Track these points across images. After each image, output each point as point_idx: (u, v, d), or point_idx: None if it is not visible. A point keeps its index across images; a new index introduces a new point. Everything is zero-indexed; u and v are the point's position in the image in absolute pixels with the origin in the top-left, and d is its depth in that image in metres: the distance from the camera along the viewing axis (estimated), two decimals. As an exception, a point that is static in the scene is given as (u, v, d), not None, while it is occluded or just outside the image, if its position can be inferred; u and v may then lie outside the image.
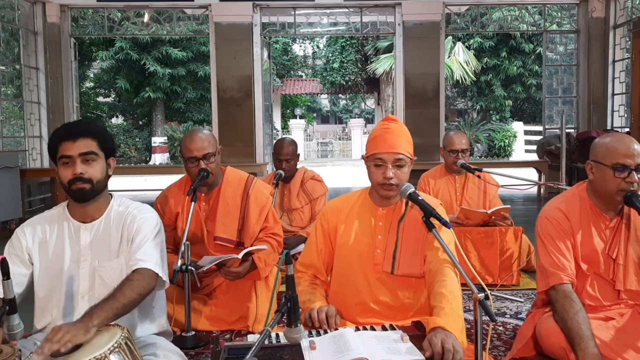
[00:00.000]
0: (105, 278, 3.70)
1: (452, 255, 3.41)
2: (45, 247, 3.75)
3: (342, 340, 3.05)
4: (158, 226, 3.89)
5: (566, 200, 4.29)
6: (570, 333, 3.86)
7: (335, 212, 4.17)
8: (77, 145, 3.59)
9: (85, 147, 3.61)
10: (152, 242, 3.77)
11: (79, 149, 3.59)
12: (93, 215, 3.79)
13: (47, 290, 3.72)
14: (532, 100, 38.24)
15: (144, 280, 3.54)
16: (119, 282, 3.54)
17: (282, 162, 7.64)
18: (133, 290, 3.41)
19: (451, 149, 7.07)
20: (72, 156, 3.58)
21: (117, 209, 3.85)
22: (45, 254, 3.74)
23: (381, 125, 3.98)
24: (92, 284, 3.72)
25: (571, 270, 4.11)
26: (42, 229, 3.79)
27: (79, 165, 3.58)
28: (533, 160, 17.94)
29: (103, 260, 3.74)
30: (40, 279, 3.73)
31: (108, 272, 3.72)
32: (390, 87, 33.54)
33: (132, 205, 3.90)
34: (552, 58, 17.39)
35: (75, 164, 3.58)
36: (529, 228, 5.90)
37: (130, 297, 3.36)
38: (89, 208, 3.75)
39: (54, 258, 3.73)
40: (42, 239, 3.77)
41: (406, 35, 15.60)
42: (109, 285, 3.60)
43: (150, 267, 3.63)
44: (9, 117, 14.77)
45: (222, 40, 15.50)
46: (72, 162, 3.59)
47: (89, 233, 3.76)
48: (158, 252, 3.78)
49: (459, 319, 3.39)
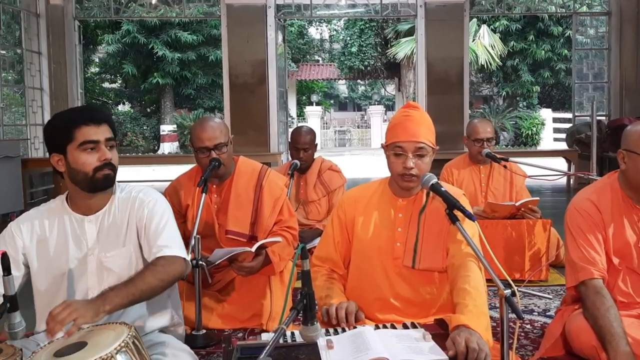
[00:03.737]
0: (113, 268, 3.66)
1: (476, 248, 3.40)
2: (45, 245, 3.69)
3: (361, 339, 3.05)
4: (168, 207, 3.86)
5: (597, 191, 4.27)
6: (601, 331, 3.84)
7: (352, 203, 4.17)
8: (102, 130, 3.55)
9: (109, 132, 3.59)
10: (170, 227, 3.74)
11: (104, 134, 3.56)
12: (98, 206, 3.72)
13: (49, 290, 3.68)
14: (561, 86, 38.11)
15: (170, 266, 3.50)
16: (127, 272, 3.56)
17: (300, 151, 7.58)
18: (155, 276, 3.37)
19: (476, 138, 7.06)
20: (99, 141, 3.53)
21: (120, 195, 3.79)
22: (46, 253, 3.68)
23: (402, 112, 3.97)
24: (100, 278, 3.66)
25: (602, 264, 4.09)
26: (41, 225, 3.72)
27: (107, 151, 3.56)
28: (562, 150, 17.86)
29: (110, 250, 3.69)
30: (41, 278, 3.68)
31: (116, 261, 3.67)
32: (411, 73, 33.61)
33: (135, 189, 3.85)
34: (582, 41, 17.33)
35: (101, 149, 3.54)
36: (557, 221, 5.87)
37: (150, 283, 3.33)
38: (95, 199, 3.69)
39: (56, 256, 3.67)
40: (41, 236, 3.70)
41: (428, 18, 15.53)
42: (117, 274, 3.61)
43: (175, 253, 3.61)
44: (10, 104, 14.80)
45: (234, 23, 15.45)
46: (98, 148, 3.54)
47: (94, 225, 3.70)
48: (178, 235, 3.77)
49: (484, 317, 3.39)
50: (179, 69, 35.44)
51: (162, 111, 38.22)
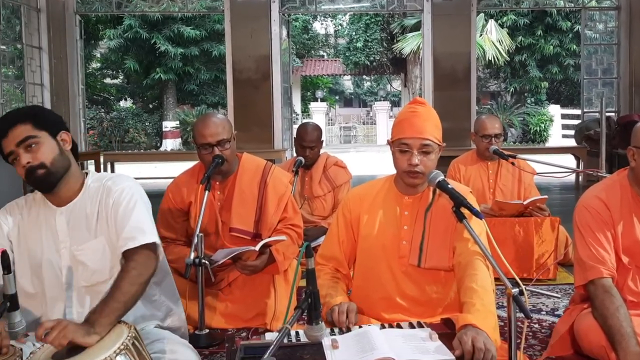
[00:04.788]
0: (85, 262, 3.63)
1: (483, 247, 3.40)
2: (24, 236, 3.70)
3: (367, 339, 3.06)
4: (137, 193, 3.76)
5: (606, 188, 4.26)
6: (610, 331, 3.83)
7: (357, 201, 4.17)
8: (11, 138, 3.48)
9: (20, 134, 3.49)
10: (134, 212, 3.64)
11: (14, 139, 3.48)
12: (68, 197, 3.70)
13: (29, 283, 3.68)
14: (570, 81, 38.09)
15: (141, 267, 3.43)
16: (102, 264, 3.57)
17: (306, 149, 7.56)
18: (131, 283, 3.31)
19: (483, 134, 7.05)
20: (13, 151, 3.49)
21: (92, 185, 3.76)
22: (25, 244, 3.69)
23: (408, 108, 3.97)
24: (74, 271, 3.65)
25: (611, 263, 4.07)
26: (23, 215, 3.74)
27: (24, 156, 3.49)
28: (571, 146, 17.90)
29: (81, 242, 3.66)
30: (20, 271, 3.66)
31: (88, 255, 3.64)
32: (417, 68, 33.49)
33: (107, 177, 3.82)
34: (591, 37, 17.33)
35: (20, 156, 3.49)
36: (566, 219, 5.87)
37: (129, 292, 3.28)
38: (60, 191, 3.67)
39: (32, 249, 3.68)
40: (22, 226, 3.71)
41: (435, 12, 15.50)
42: (91, 268, 3.60)
43: (140, 242, 3.52)
44: (10, 100, 14.75)
45: (238, 18, 15.43)
46: (17, 155, 3.50)
47: (64, 217, 3.69)
48: (146, 219, 3.67)
49: (491, 316, 3.39)
50: (181, 65, 35.44)
51: (165, 107, 38.20)
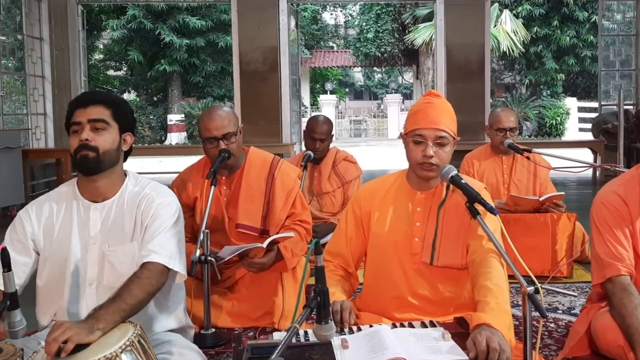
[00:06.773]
0: (115, 264, 3.68)
1: (498, 244, 3.40)
2: (51, 229, 3.73)
3: (378, 339, 3.05)
4: (177, 213, 3.85)
5: (624, 183, 4.24)
6: (628, 330, 3.82)
7: (368, 197, 4.16)
8: (88, 112, 3.61)
9: (96, 114, 3.62)
10: (169, 232, 3.73)
11: (88, 115, 3.60)
12: (105, 193, 3.75)
13: (50, 277, 3.71)
14: (587, 73, 38.09)
15: (153, 278, 3.50)
16: (129, 269, 3.56)
17: (316, 142, 7.53)
18: (142, 289, 3.38)
19: (498, 128, 7.03)
20: (81, 122, 3.59)
21: (133, 188, 3.81)
22: (51, 237, 3.72)
23: (423, 99, 3.99)
24: (100, 270, 3.69)
25: (630, 260, 4.06)
26: (49, 209, 3.77)
27: (87, 132, 3.58)
28: (588, 140, 17.89)
29: (114, 244, 3.71)
30: (43, 265, 3.72)
31: (119, 257, 3.69)
32: (430, 60, 33.50)
33: (150, 186, 3.86)
34: (609, 27, 17.28)
35: (83, 130, 3.59)
36: (583, 214, 5.86)
37: (138, 296, 3.34)
38: (99, 184, 3.71)
39: (59, 241, 3.71)
40: (49, 220, 3.75)
41: (448, 2, 15.49)
42: (119, 271, 3.62)
43: (162, 261, 3.59)
44: (10, 92, 14.81)
45: (245, 8, 15.42)
46: (81, 128, 3.59)
47: (99, 213, 3.73)
48: (174, 243, 3.74)
49: (506, 315, 3.37)
50: (187, 56, 35.51)
51: (170, 100, 38.27)
